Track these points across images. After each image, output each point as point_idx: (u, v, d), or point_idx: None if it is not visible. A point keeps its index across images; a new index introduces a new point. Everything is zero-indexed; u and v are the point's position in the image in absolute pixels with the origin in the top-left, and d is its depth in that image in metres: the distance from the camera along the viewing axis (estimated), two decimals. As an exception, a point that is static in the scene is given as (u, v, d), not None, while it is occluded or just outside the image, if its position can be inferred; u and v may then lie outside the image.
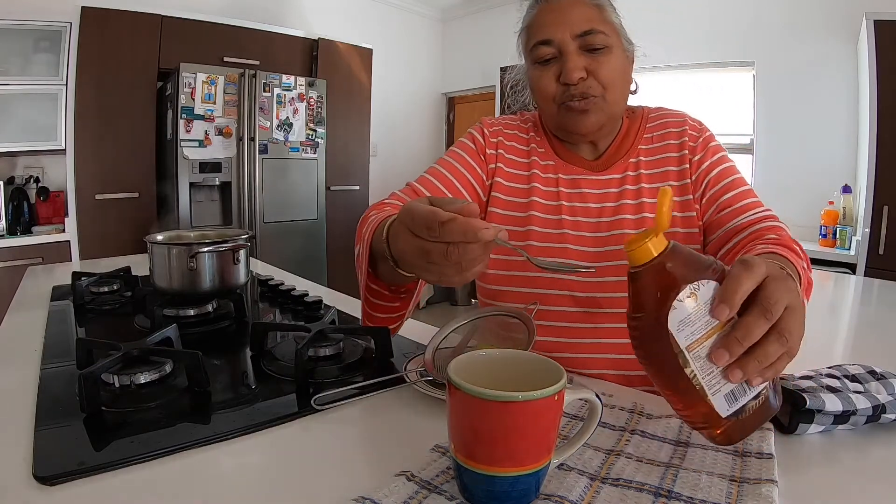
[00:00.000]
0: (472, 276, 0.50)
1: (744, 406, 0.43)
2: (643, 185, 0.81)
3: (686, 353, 0.41)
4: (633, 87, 0.84)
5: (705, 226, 0.79)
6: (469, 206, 0.47)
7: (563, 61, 0.76)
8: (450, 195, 0.83)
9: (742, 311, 0.41)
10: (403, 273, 0.55)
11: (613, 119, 0.81)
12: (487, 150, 0.88)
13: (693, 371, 0.42)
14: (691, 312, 0.41)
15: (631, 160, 0.83)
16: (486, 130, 0.89)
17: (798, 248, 0.66)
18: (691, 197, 0.80)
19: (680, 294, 0.41)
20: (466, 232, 0.45)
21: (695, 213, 0.80)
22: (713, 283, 0.42)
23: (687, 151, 0.81)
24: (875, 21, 2.38)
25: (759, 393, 0.44)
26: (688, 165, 0.80)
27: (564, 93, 0.77)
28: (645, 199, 0.80)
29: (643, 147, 0.84)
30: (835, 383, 0.56)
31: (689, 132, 0.82)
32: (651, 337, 0.42)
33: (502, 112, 0.99)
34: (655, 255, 0.42)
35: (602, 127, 0.79)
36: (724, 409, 0.43)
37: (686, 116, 0.85)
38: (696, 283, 0.41)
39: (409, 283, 0.67)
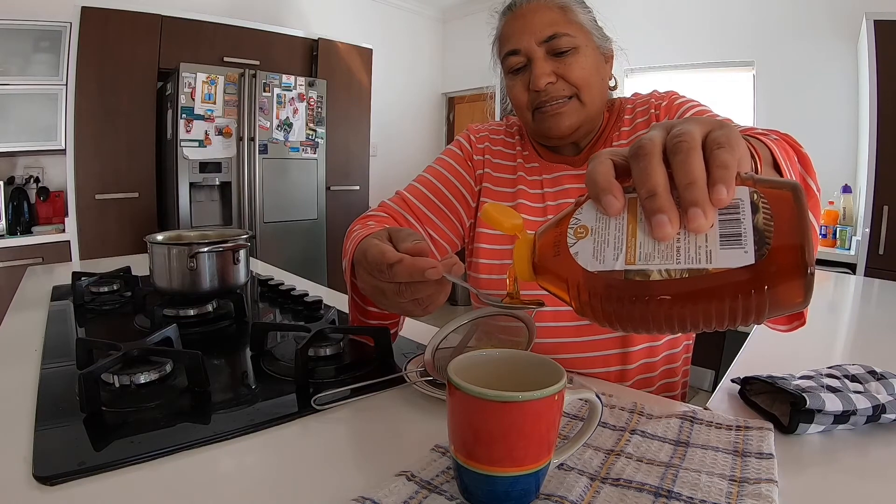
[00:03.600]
0: (435, 309, 0.51)
1: (755, 228, 0.30)
2: None
3: (632, 266, 0.33)
4: (612, 84, 0.84)
5: None
6: (418, 245, 0.48)
7: (531, 68, 0.76)
8: (439, 204, 0.84)
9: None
10: None
11: (591, 119, 0.81)
12: (475, 157, 0.89)
13: (660, 268, 0.32)
14: (593, 238, 0.34)
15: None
16: (472, 137, 0.91)
17: (765, 130, 0.55)
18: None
19: (568, 241, 0.35)
20: (413, 273, 0.46)
21: None
22: (587, 202, 0.36)
23: (654, 122, 0.81)
24: (875, 21, 2.38)
25: (752, 201, 0.31)
26: None
27: (536, 99, 0.77)
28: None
29: (615, 134, 0.84)
30: (835, 383, 0.56)
31: (654, 103, 0.82)
32: (605, 304, 0.34)
33: (502, 113, 0.99)
34: (529, 253, 0.39)
35: (579, 128, 0.79)
36: (739, 256, 0.30)
37: (653, 94, 0.85)
38: (572, 219, 0.36)
39: None
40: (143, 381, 0.65)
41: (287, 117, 3.11)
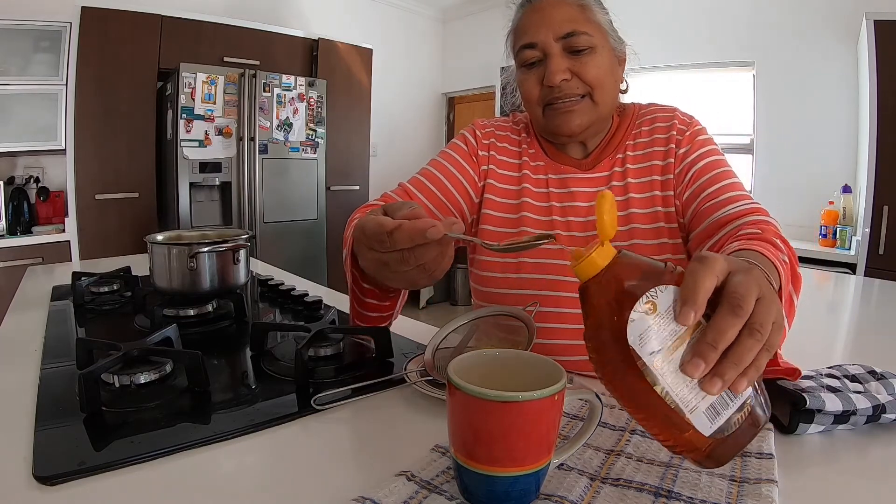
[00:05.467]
0: (441, 274, 0.50)
1: (728, 420, 0.38)
2: (630, 180, 0.80)
3: (653, 369, 0.37)
4: (623, 87, 0.83)
5: (689, 219, 0.77)
6: (415, 211, 0.47)
7: (546, 64, 0.76)
8: (442, 197, 0.83)
9: (707, 314, 0.37)
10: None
11: (601, 119, 0.80)
12: (479, 152, 0.88)
13: (664, 388, 0.37)
14: (652, 323, 0.37)
15: (618, 156, 0.82)
16: (478, 132, 0.89)
17: (780, 240, 0.61)
18: (672, 193, 0.79)
19: (637, 304, 0.37)
20: (413, 236, 0.45)
21: (674, 209, 0.79)
22: (672, 288, 0.37)
23: (673, 145, 0.80)
24: (875, 21, 2.38)
25: (744, 403, 0.38)
26: (672, 159, 0.79)
27: (548, 95, 0.77)
28: (632, 195, 0.79)
29: (630, 143, 0.83)
30: (835, 383, 0.56)
31: (678, 125, 0.81)
32: (612, 357, 0.38)
33: (502, 112, 0.98)
34: (602, 266, 0.38)
35: (588, 127, 0.79)
36: (706, 427, 0.37)
37: (676, 111, 0.84)
38: (653, 290, 0.37)
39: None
40: (143, 381, 0.65)
41: (287, 117, 3.11)
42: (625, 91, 0.85)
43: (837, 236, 2.66)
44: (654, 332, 0.37)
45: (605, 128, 0.84)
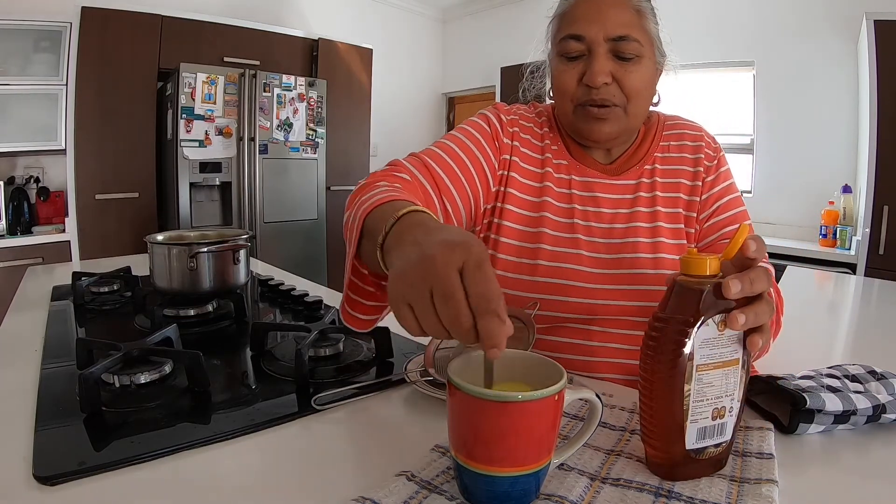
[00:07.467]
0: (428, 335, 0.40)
1: (704, 448, 0.44)
2: (657, 193, 0.79)
3: (695, 370, 0.42)
4: (655, 99, 0.81)
5: (702, 246, 0.79)
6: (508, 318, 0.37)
7: (590, 62, 0.72)
8: (462, 177, 0.75)
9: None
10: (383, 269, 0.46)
11: (630, 130, 0.79)
12: (503, 139, 0.81)
13: (690, 391, 0.42)
14: (715, 338, 0.43)
15: (646, 167, 0.81)
16: (503, 117, 0.83)
17: (774, 290, 0.69)
18: (696, 215, 0.79)
19: (715, 316, 0.43)
20: (494, 331, 0.35)
21: (694, 231, 0.79)
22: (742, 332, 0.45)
23: (702, 169, 0.80)
24: (875, 21, 2.38)
25: (722, 443, 0.45)
26: (700, 183, 0.79)
27: (584, 94, 0.74)
28: (659, 208, 0.78)
29: (659, 155, 0.82)
30: (835, 383, 0.56)
31: (706, 150, 0.81)
32: (671, 343, 0.42)
33: (511, 101, 0.94)
34: (706, 272, 0.44)
35: (617, 136, 0.77)
36: (690, 440, 0.43)
37: (703, 131, 0.83)
38: (722, 314, 0.43)
39: None
40: (143, 382, 0.65)
41: (287, 117, 3.11)
42: (656, 104, 0.83)
43: (837, 236, 2.66)
44: (712, 345, 0.43)
45: (632, 137, 0.82)
